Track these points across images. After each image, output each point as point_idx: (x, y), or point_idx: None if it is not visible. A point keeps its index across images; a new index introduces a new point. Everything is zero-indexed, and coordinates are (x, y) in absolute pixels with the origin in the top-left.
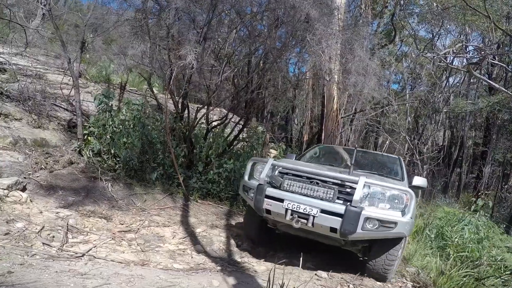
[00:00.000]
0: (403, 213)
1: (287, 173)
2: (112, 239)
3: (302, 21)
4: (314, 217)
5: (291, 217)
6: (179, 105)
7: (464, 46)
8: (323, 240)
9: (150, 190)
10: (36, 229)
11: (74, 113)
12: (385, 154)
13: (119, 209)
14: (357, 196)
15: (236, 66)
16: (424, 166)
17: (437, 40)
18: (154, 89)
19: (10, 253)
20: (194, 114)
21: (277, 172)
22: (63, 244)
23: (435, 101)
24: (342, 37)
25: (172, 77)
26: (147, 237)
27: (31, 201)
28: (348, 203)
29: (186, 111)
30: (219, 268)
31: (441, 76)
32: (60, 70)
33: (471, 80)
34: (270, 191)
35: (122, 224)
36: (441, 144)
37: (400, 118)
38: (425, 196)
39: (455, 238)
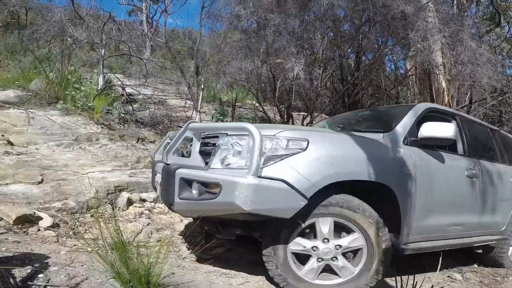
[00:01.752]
0: (246, 169)
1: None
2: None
3: (399, 19)
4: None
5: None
6: (285, 115)
7: None
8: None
9: None
10: (180, 235)
11: None
12: (401, 105)
13: None
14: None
15: (333, 70)
16: None
17: None
18: (256, 102)
19: (167, 257)
20: (298, 122)
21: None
22: (203, 248)
23: None
24: (448, 30)
25: (277, 89)
26: None
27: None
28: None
29: (291, 120)
30: None
31: None
32: (177, 95)
33: None
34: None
35: None
36: None
37: None
38: None
39: None
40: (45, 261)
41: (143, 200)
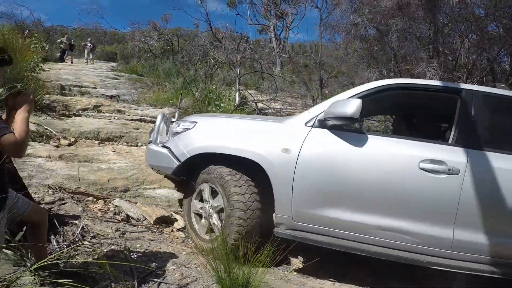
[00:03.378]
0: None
1: None
2: None
3: None
4: None
5: None
6: None
7: None
8: None
9: None
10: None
11: None
12: None
13: None
14: None
15: (481, 76)
16: None
17: None
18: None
19: (269, 268)
20: None
21: None
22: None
23: None
24: None
25: None
26: None
27: None
28: None
29: None
30: None
31: None
32: (304, 108)
33: None
34: None
35: None
36: None
37: None
38: None
39: None
40: (167, 260)
41: None
